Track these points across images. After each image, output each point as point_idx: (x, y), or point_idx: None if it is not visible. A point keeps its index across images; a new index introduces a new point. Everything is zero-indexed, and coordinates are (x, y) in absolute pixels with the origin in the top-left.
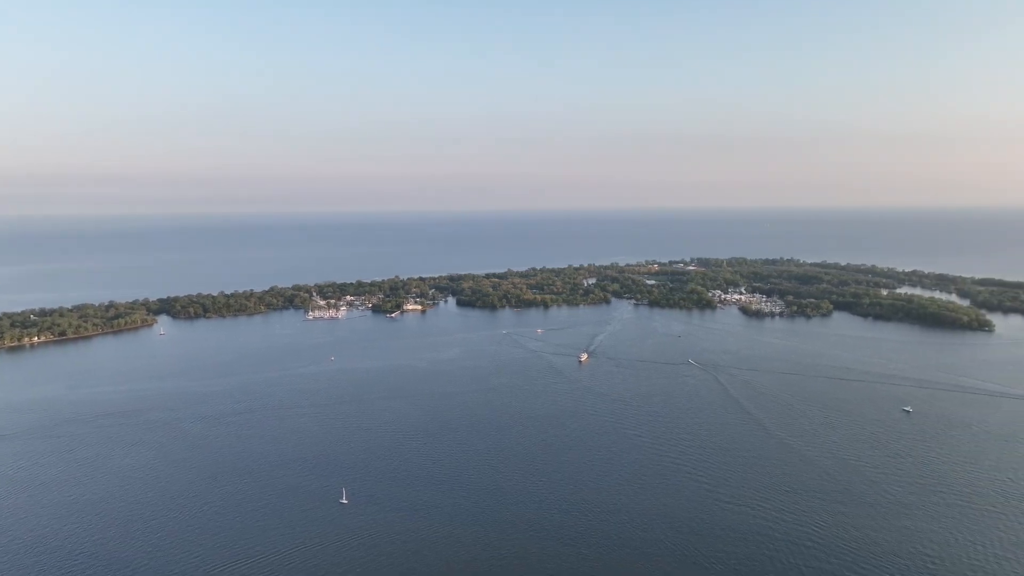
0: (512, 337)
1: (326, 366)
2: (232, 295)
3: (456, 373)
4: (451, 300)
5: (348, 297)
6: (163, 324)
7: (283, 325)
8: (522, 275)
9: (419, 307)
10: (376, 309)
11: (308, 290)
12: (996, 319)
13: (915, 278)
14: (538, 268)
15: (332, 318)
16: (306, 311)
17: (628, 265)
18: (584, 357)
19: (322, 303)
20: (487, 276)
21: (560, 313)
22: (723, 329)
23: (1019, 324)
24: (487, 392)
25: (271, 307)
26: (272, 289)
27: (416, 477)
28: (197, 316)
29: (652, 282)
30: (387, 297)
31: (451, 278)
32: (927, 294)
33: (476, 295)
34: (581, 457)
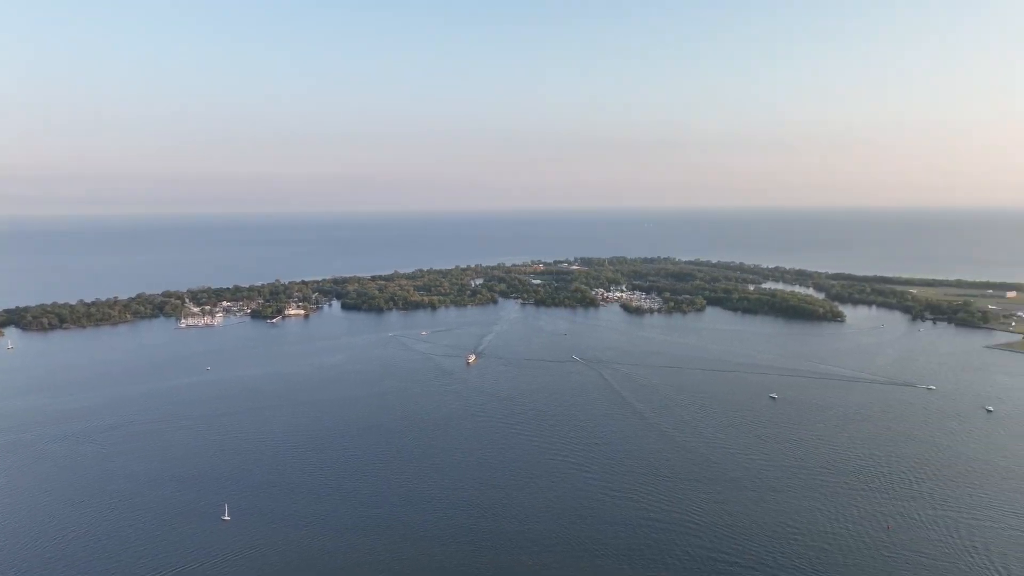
0: (399, 339)
1: (202, 376)
2: (93, 304)
3: (342, 378)
4: (335, 304)
5: (224, 303)
6: (11, 337)
7: (153, 335)
8: (409, 277)
9: (302, 311)
10: (255, 315)
11: (180, 296)
12: (847, 310)
13: (778, 274)
14: (425, 269)
15: (207, 325)
16: (178, 319)
17: (515, 265)
18: (472, 358)
19: (196, 310)
20: (372, 278)
21: (448, 314)
22: (606, 326)
23: (865, 314)
24: (375, 397)
25: (139, 315)
26: (139, 296)
27: (302, 487)
28: (52, 327)
29: (538, 282)
30: (267, 302)
31: (335, 281)
32: (788, 288)
33: (362, 298)
34: (470, 457)
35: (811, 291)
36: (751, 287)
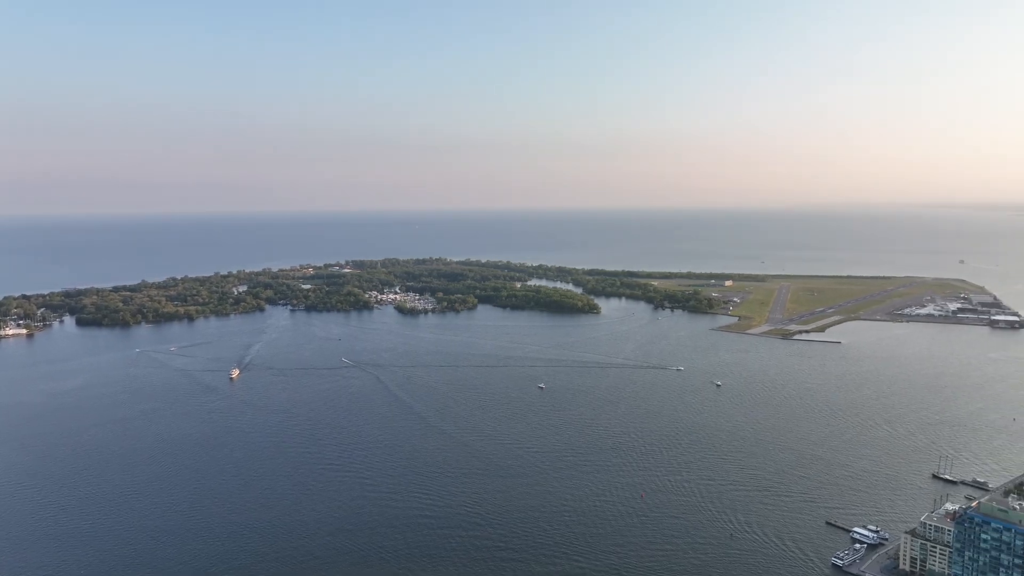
0: (150, 356)
1: None
2: None
3: (81, 405)
4: (68, 320)
5: None
6: None
7: None
8: (160, 286)
9: (24, 331)
10: None
11: None
12: (601, 303)
13: (542, 271)
14: (179, 278)
15: None
16: None
17: (282, 270)
18: (235, 372)
19: None
20: (115, 290)
21: (208, 325)
22: (382, 328)
23: (617, 306)
24: (119, 423)
25: None
26: None
27: (34, 533)
28: None
29: (308, 286)
30: None
31: (67, 294)
32: (552, 285)
33: (102, 312)
34: (236, 479)
35: (571, 286)
36: (518, 284)
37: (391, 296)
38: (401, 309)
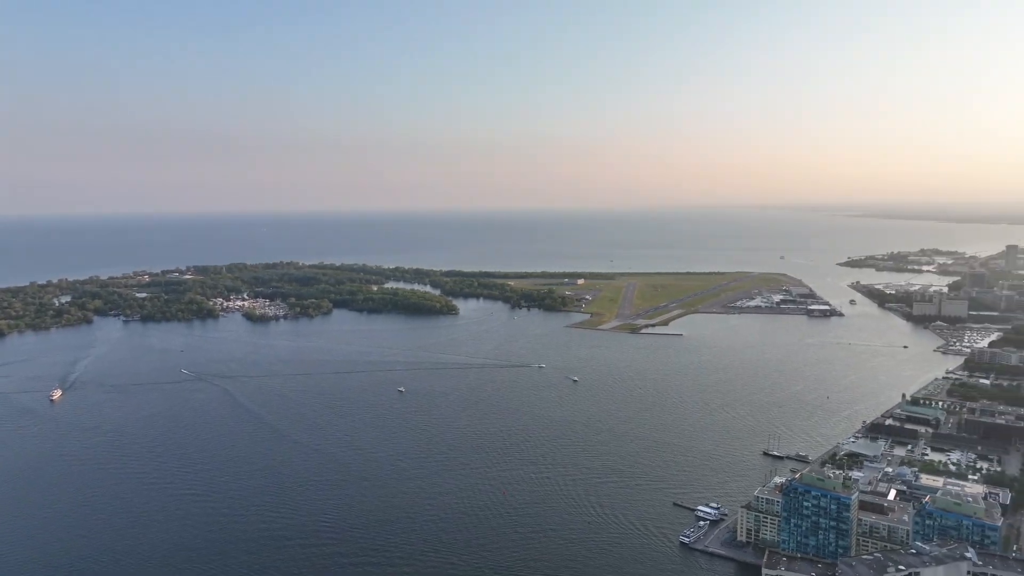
0: None
1: None
2: None
3: None
4: None
5: None
6: None
7: None
8: None
9: None
10: None
11: None
12: (460, 303)
13: (399, 273)
14: None
15: None
16: None
17: (113, 278)
18: (57, 393)
19: None
20: None
21: (23, 341)
22: (229, 337)
23: (475, 306)
24: None
25: None
26: None
27: None
28: None
29: (144, 295)
30: None
31: None
32: (409, 287)
33: None
34: (53, 510)
35: (429, 288)
36: (375, 287)
37: (239, 303)
38: (250, 316)
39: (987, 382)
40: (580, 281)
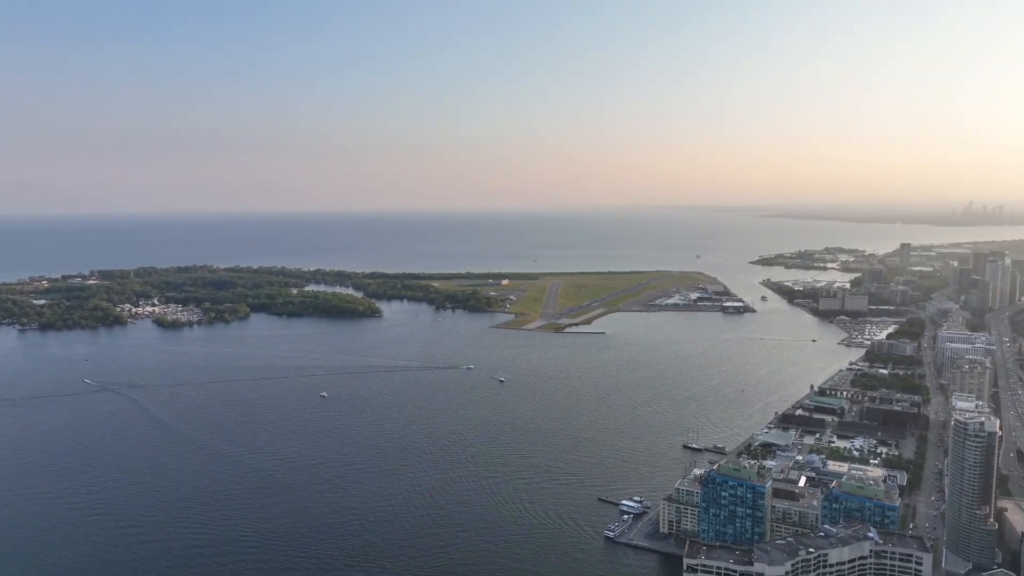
0: None
1: None
2: None
3: None
4: None
5: None
6: None
7: None
8: None
9: None
10: None
11: None
12: (383, 305)
13: (320, 276)
14: None
15: None
16: None
17: (6, 284)
18: None
19: None
20: None
21: None
22: (138, 345)
23: (399, 308)
24: None
25: None
26: None
27: None
28: None
29: (42, 301)
30: None
31: None
32: (331, 289)
33: None
34: None
35: (351, 290)
36: (295, 291)
37: (149, 309)
38: (162, 323)
39: (885, 372)
40: (504, 281)
